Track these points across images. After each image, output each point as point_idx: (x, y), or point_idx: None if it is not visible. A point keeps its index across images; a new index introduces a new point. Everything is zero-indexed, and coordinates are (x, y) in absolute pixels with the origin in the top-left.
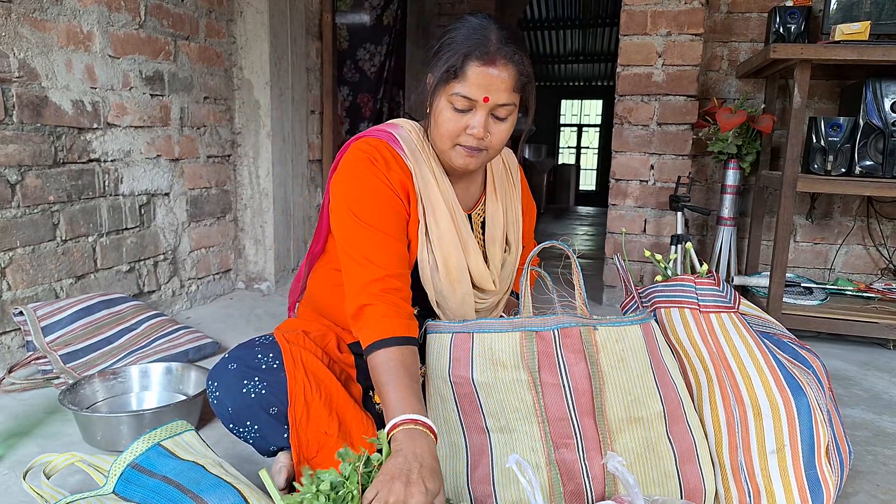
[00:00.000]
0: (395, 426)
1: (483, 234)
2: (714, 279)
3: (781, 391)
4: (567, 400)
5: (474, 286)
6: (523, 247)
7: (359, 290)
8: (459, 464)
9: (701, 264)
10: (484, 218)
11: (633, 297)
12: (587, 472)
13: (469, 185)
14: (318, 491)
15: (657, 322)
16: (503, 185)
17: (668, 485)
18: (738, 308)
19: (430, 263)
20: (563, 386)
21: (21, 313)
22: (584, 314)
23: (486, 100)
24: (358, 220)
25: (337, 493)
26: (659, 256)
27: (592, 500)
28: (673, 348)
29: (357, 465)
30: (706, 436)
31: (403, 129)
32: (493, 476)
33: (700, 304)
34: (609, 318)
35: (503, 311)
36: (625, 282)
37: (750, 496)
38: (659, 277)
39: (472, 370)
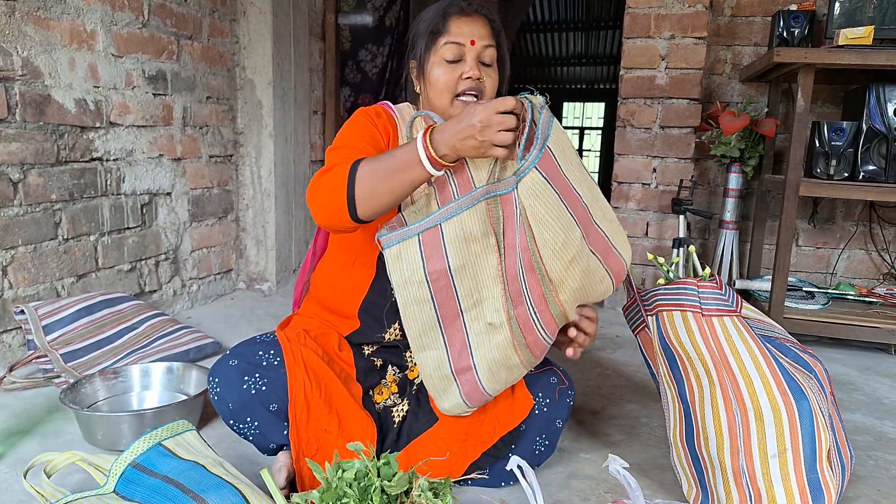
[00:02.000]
0: (425, 134)
1: None
2: (717, 282)
3: (783, 395)
4: (518, 258)
5: None
6: None
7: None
8: (442, 362)
9: (703, 268)
10: None
11: (635, 300)
12: (540, 325)
13: None
14: (341, 479)
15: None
16: None
17: (600, 287)
18: (740, 311)
19: None
20: (515, 245)
21: (22, 312)
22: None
23: (472, 42)
24: (334, 147)
25: (360, 483)
26: (661, 259)
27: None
28: (675, 351)
29: (377, 463)
30: (707, 438)
31: (399, 104)
32: (471, 353)
33: (702, 307)
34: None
35: None
36: (627, 285)
37: (751, 499)
38: (661, 280)
39: (447, 258)
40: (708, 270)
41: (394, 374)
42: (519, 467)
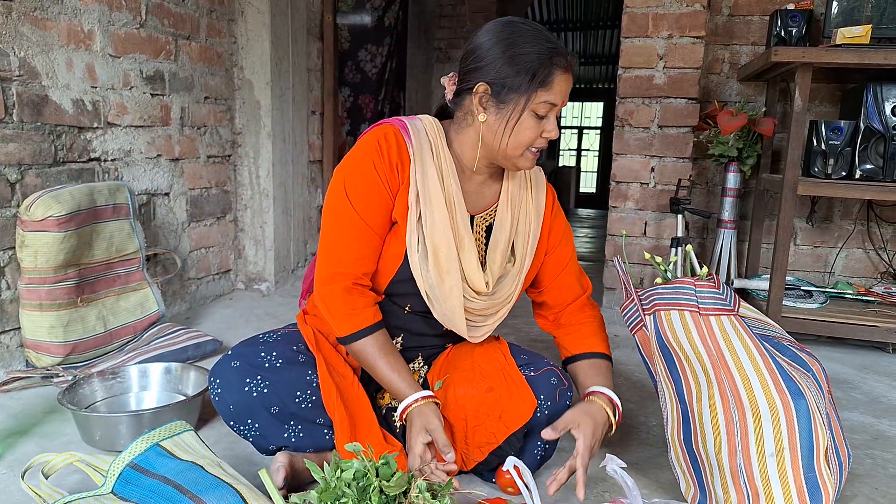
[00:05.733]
0: (406, 409)
1: (487, 240)
2: (714, 282)
3: (781, 394)
4: None
5: (467, 283)
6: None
7: (328, 276)
8: None
9: (701, 267)
10: (491, 223)
11: (633, 299)
12: None
13: (482, 189)
14: (339, 479)
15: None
16: (519, 195)
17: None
18: (737, 311)
19: (419, 251)
20: None
21: None
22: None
23: (563, 103)
24: (348, 200)
25: (359, 483)
26: (659, 259)
27: None
28: (672, 351)
29: (376, 464)
30: (705, 437)
31: (420, 122)
32: None
33: (700, 306)
34: None
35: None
36: (625, 284)
37: (749, 499)
38: (659, 280)
39: None
40: (705, 270)
41: None
42: (515, 468)
